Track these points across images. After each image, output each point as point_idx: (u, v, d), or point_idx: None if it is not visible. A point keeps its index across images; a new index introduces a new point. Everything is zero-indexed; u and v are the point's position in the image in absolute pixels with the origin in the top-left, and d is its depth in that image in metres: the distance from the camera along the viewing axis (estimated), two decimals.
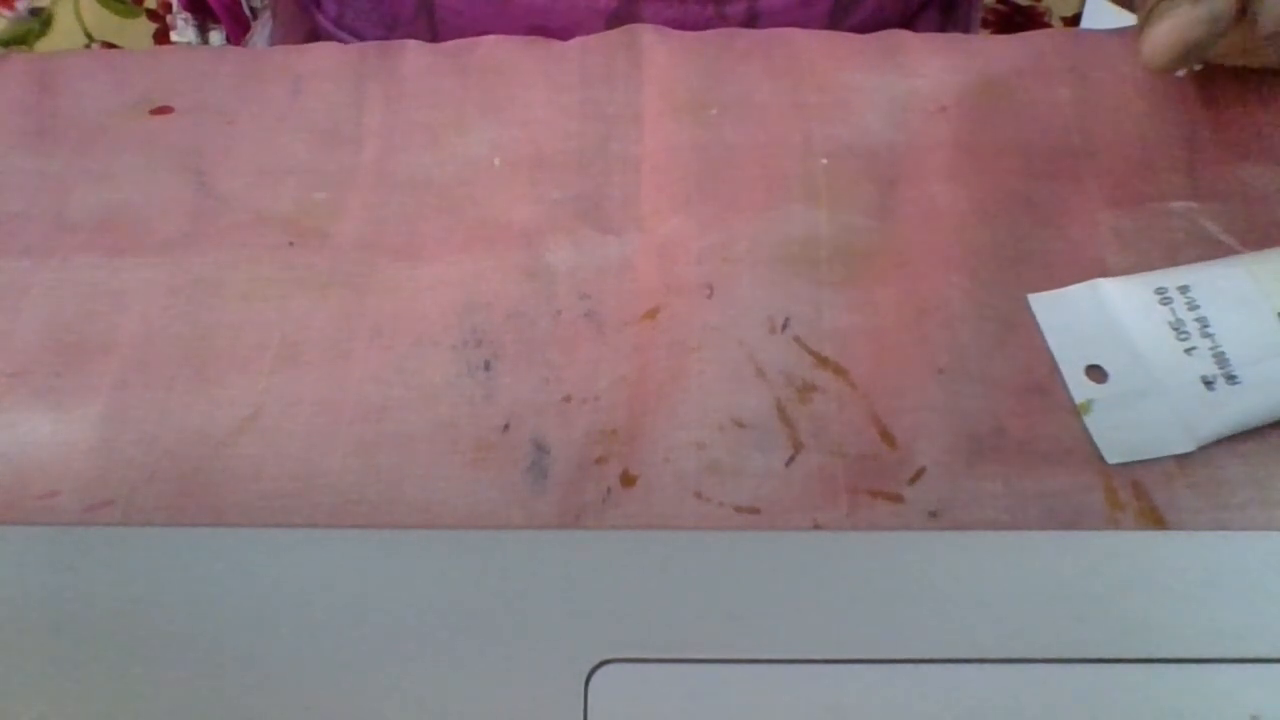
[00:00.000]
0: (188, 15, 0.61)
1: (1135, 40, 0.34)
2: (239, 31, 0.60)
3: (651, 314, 0.35)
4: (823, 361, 0.33)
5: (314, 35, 0.57)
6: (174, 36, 0.64)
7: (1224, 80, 0.40)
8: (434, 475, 0.31)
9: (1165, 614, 0.26)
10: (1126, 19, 0.40)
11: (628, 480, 0.31)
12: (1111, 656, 0.25)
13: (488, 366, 0.34)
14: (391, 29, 0.53)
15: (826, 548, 0.27)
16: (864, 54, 0.41)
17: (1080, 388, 0.32)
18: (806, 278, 0.35)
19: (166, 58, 0.43)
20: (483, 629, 0.26)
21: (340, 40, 0.54)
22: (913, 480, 0.31)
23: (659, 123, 0.39)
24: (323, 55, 0.42)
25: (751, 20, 0.49)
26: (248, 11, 0.60)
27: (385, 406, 0.33)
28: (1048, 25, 0.96)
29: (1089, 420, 0.32)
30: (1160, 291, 0.34)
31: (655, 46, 0.42)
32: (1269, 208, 0.36)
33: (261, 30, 0.58)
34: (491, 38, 0.43)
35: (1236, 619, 0.26)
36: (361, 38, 0.54)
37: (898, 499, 0.31)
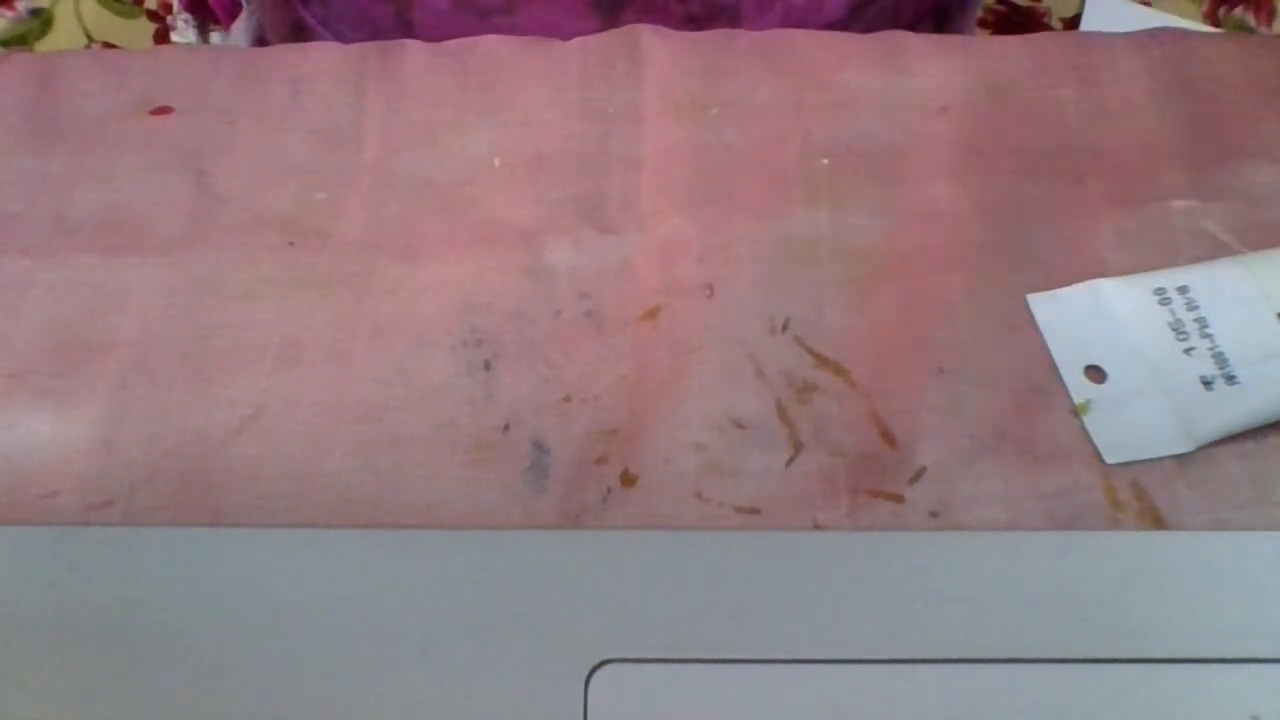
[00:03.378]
0: (188, 16, 0.62)
1: None
2: None
3: (651, 314, 0.35)
4: (823, 361, 0.33)
5: (298, 28, 0.56)
6: (174, 37, 0.64)
7: (1225, 80, 0.40)
8: (434, 475, 0.31)
9: (1165, 614, 0.26)
10: (1128, 19, 0.40)
11: (628, 480, 0.31)
12: (1111, 656, 0.25)
13: (488, 366, 0.34)
14: (371, 37, 0.53)
15: (826, 548, 0.27)
16: (865, 54, 0.41)
17: (1079, 388, 0.32)
18: (806, 278, 0.35)
19: (166, 58, 0.43)
20: (483, 629, 0.26)
21: (324, 38, 0.54)
22: (913, 480, 0.31)
23: (659, 123, 0.39)
24: (323, 55, 0.42)
25: None
26: (247, 8, 0.60)
27: (385, 406, 0.33)
28: (1047, 25, 0.96)
29: (1087, 420, 0.32)
30: (1159, 292, 0.34)
31: (655, 46, 0.42)
32: (1269, 208, 0.36)
33: (248, 20, 0.58)
34: (491, 37, 0.43)
35: (1236, 619, 0.26)
36: (344, 39, 0.54)
37: (898, 499, 0.31)
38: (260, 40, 0.58)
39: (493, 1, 0.48)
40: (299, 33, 0.55)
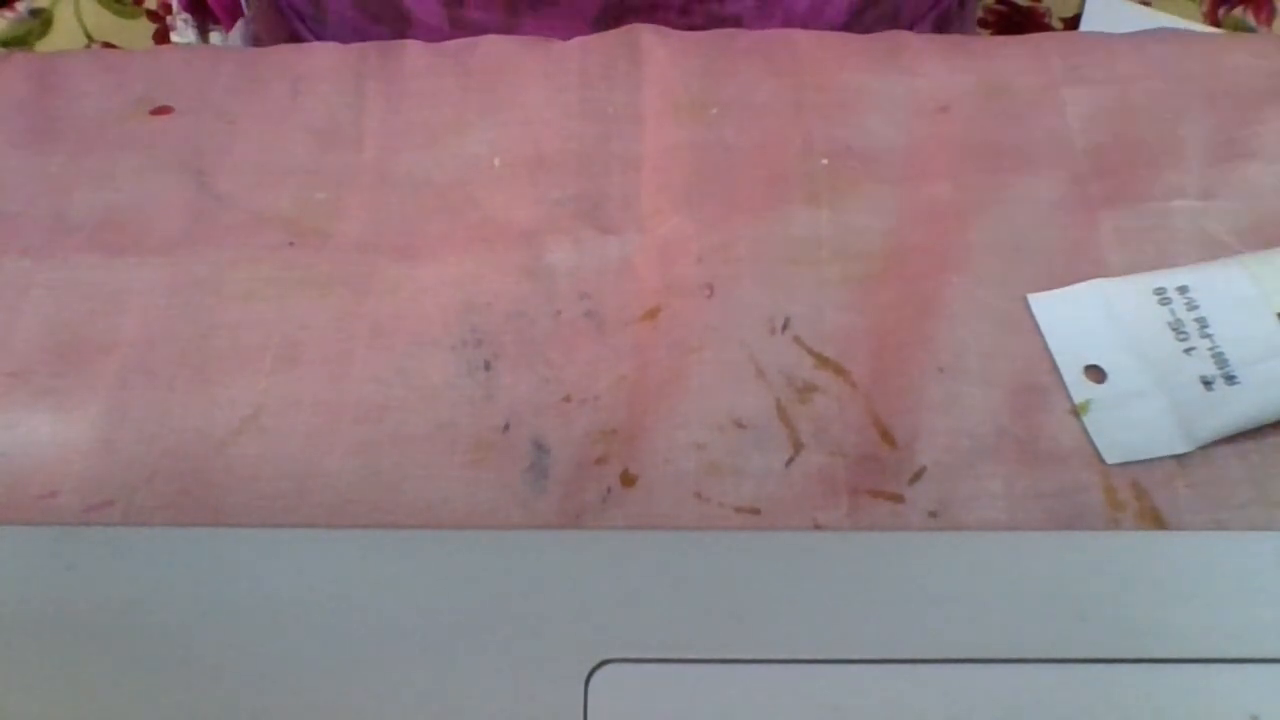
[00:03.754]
0: (188, 16, 0.62)
1: None
2: None
3: (651, 314, 0.35)
4: (823, 361, 0.33)
5: (292, 41, 0.56)
6: (174, 37, 0.64)
7: (1225, 80, 0.40)
8: (434, 475, 0.31)
9: (1165, 614, 0.26)
10: (1128, 19, 0.40)
11: (628, 480, 0.31)
12: (1111, 656, 0.25)
13: (488, 366, 0.34)
14: None
15: (826, 548, 0.27)
16: (865, 54, 0.41)
17: (1079, 388, 0.32)
18: (807, 278, 0.35)
19: (166, 58, 0.43)
20: (483, 629, 0.26)
21: None
22: (913, 480, 0.31)
23: (659, 123, 0.39)
24: (323, 55, 0.42)
25: None
26: (246, 13, 0.60)
27: (385, 406, 0.33)
28: (1047, 25, 0.96)
29: (1087, 420, 0.32)
30: (1159, 292, 0.34)
31: (655, 46, 0.42)
32: (1269, 208, 0.36)
33: (245, 28, 0.58)
34: (491, 37, 0.43)
35: (1236, 619, 0.26)
36: None
37: (898, 499, 0.31)
38: None
39: (490, 22, 0.48)
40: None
